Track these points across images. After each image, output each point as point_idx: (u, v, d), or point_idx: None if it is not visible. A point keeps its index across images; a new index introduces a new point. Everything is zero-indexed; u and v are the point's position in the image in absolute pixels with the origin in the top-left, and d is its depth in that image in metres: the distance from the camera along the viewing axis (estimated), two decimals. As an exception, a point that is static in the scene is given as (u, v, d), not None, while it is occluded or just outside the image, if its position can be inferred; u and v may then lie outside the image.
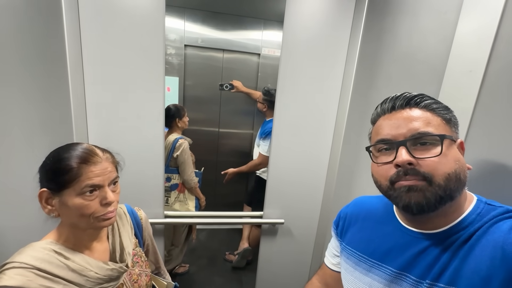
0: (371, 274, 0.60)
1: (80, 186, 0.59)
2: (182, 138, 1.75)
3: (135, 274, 0.77)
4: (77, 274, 0.62)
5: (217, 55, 2.23)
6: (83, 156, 0.61)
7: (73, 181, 0.59)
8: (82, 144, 0.65)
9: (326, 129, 1.28)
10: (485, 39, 0.76)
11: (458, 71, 0.83)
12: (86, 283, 0.63)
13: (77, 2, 0.98)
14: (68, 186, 0.59)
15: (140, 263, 0.80)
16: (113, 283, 0.68)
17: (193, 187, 1.79)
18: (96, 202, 0.62)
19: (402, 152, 0.50)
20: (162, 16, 1.05)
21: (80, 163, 0.60)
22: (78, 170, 0.59)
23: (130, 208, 0.84)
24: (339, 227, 0.73)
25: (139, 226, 0.84)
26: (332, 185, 1.28)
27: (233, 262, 2.10)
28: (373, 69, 1.13)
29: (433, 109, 0.52)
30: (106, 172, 0.63)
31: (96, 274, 0.64)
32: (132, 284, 0.74)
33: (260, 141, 1.99)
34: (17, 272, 0.56)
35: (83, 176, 0.60)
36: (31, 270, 0.57)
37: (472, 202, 0.54)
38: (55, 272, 0.59)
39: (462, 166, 0.50)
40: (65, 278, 0.60)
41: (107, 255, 0.71)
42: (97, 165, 0.62)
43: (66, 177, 0.59)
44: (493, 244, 0.47)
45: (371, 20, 1.10)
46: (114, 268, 0.68)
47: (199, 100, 2.28)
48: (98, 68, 1.04)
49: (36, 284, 0.56)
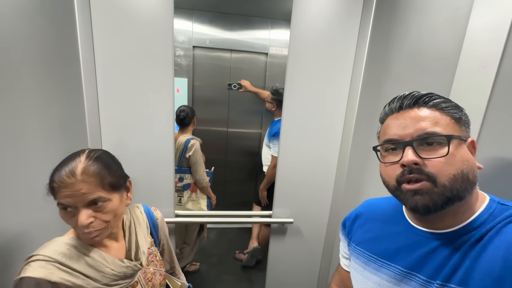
0: (380, 274, 0.60)
1: (57, 202, 0.62)
2: (194, 138, 1.77)
3: (150, 272, 0.78)
4: (94, 270, 0.65)
5: (225, 55, 2.24)
6: (60, 177, 0.61)
7: (54, 196, 0.62)
8: (76, 158, 0.64)
9: (335, 128, 1.27)
10: (498, 35, 0.74)
11: (470, 68, 0.81)
12: (102, 279, 0.65)
13: (89, 6, 1.00)
14: (55, 199, 0.62)
15: (155, 262, 0.81)
16: (128, 281, 0.70)
17: (205, 187, 1.82)
18: (74, 220, 0.62)
19: (408, 153, 0.49)
20: (170, 18, 1.06)
21: (57, 182, 0.61)
22: (56, 189, 0.61)
23: (147, 208, 0.86)
24: (346, 228, 0.73)
25: (155, 225, 0.86)
26: (341, 184, 1.28)
27: (243, 261, 2.11)
28: (382, 67, 1.12)
29: (442, 108, 0.51)
30: (78, 194, 0.61)
31: (112, 270, 0.67)
32: (146, 283, 0.76)
33: (270, 143, 1.99)
34: (41, 265, 0.60)
35: (58, 194, 0.61)
36: (53, 264, 0.61)
37: (485, 202, 0.53)
38: (74, 267, 0.62)
39: (471, 166, 0.49)
40: (83, 272, 0.63)
41: (123, 253, 0.74)
42: (69, 187, 0.60)
43: (51, 192, 0.62)
44: (506, 244, 0.46)
45: (379, 18, 1.09)
46: (129, 266, 0.70)
47: (207, 100, 2.30)
48: (110, 71, 1.07)
49: (57, 277, 0.60)
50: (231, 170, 2.36)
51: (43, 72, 0.97)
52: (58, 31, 0.95)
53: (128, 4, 1.03)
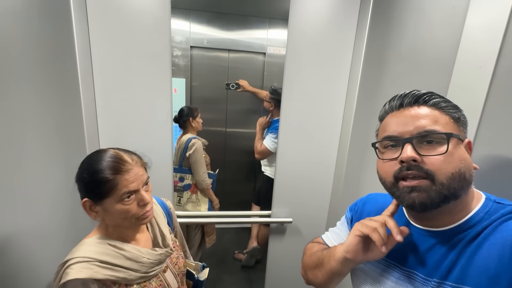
0: (380, 271, 0.60)
1: (119, 194, 0.65)
2: (195, 138, 1.77)
3: (175, 257, 0.86)
4: (133, 261, 0.70)
5: (223, 55, 2.23)
6: (115, 167, 0.65)
7: (111, 191, 0.64)
8: (110, 151, 0.68)
9: (333, 127, 1.27)
10: (495, 33, 0.74)
11: (468, 67, 0.82)
12: (141, 268, 0.71)
13: (85, 7, 1.00)
14: (107, 196, 0.65)
15: (176, 247, 0.89)
16: (161, 265, 0.77)
17: (205, 188, 1.77)
18: (134, 205, 0.67)
19: (407, 149, 0.49)
20: (168, 18, 1.06)
21: (115, 174, 0.64)
22: (114, 181, 0.64)
23: (160, 200, 0.92)
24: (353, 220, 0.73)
25: (169, 214, 0.92)
26: (340, 184, 1.28)
27: (242, 261, 2.11)
28: (380, 65, 1.12)
29: (441, 108, 0.52)
30: (138, 177, 0.67)
31: (149, 259, 0.72)
32: (173, 266, 0.84)
33: (265, 135, 1.98)
34: (83, 266, 0.62)
35: (119, 185, 0.64)
36: (94, 263, 0.63)
37: (480, 200, 0.53)
38: (115, 262, 0.66)
39: (467, 165, 0.50)
40: (124, 266, 0.68)
41: (150, 243, 0.79)
42: (130, 173, 0.66)
43: (104, 189, 0.64)
44: (501, 242, 0.46)
45: (377, 17, 1.09)
46: (162, 253, 0.76)
47: (206, 100, 2.29)
48: (107, 71, 1.06)
49: (102, 275, 0.63)
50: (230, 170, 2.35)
51: (39, 74, 0.96)
52: (54, 31, 0.95)
53: (125, 4, 1.02)
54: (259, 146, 1.95)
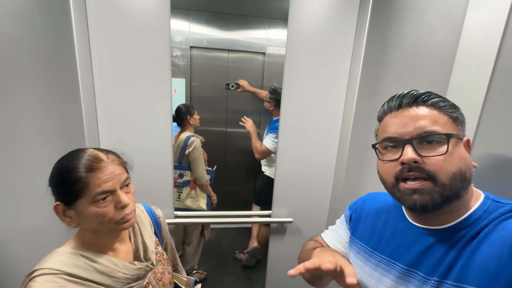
0: (380, 270, 0.60)
1: (91, 194, 0.58)
2: (194, 135, 1.80)
3: (159, 272, 0.77)
4: (106, 276, 0.62)
5: (222, 55, 2.24)
6: (88, 164, 0.59)
7: (83, 191, 0.58)
8: (84, 150, 0.62)
9: (333, 127, 1.28)
10: (493, 33, 0.74)
11: (467, 66, 0.82)
12: (115, 284, 0.63)
13: (85, 7, 1.00)
14: (80, 197, 0.58)
15: (162, 261, 0.80)
16: (140, 282, 0.68)
17: (204, 184, 1.82)
18: (111, 208, 0.60)
19: (408, 150, 0.50)
20: (167, 18, 1.06)
21: (86, 172, 0.58)
22: (85, 179, 0.57)
23: (148, 207, 0.84)
24: (352, 220, 0.73)
25: (158, 224, 0.84)
26: (340, 183, 1.28)
27: (243, 261, 2.11)
28: (379, 66, 1.12)
29: (440, 107, 0.52)
30: (115, 176, 0.61)
31: (124, 274, 0.64)
32: (157, 283, 0.75)
33: (265, 136, 1.99)
34: (48, 279, 0.55)
35: (92, 184, 0.58)
36: (61, 276, 0.56)
37: (479, 199, 0.53)
38: (84, 276, 0.59)
39: (467, 164, 0.50)
40: (94, 280, 0.60)
41: (131, 255, 0.71)
42: (103, 171, 0.59)
43: (75, 188, 0.58)
44: (500, 241, 0.46)
45: (376, 17, 1.09)
46: (141, 267, 0.68)
47: (205, 100, 2.30)
48: (107, 72, 1.06)
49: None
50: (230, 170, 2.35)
51: (39, 74, 0.96)
52: (54, 31, 0.95)
53: (125, 4, 1.02)
54: (259, 146, 1.96)
